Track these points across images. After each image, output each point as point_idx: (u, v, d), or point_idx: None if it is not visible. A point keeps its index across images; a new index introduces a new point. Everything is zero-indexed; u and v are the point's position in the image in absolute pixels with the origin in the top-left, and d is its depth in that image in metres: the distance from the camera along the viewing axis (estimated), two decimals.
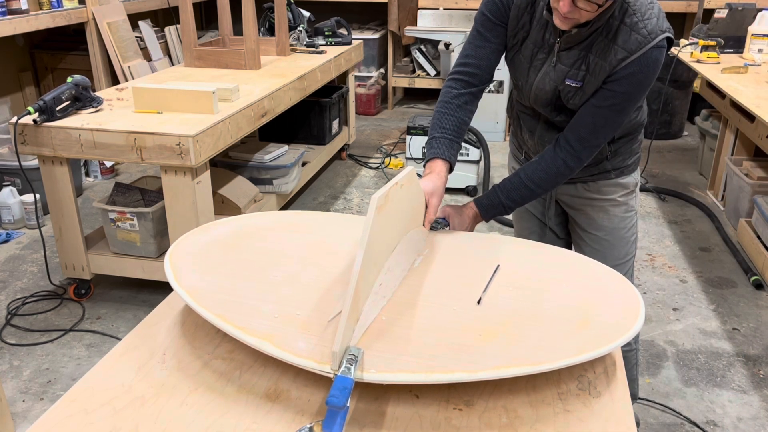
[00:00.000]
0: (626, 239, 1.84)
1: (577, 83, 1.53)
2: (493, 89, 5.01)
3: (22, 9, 3.79)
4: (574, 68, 1.53)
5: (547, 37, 1.55)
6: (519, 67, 1.64)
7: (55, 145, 2.52)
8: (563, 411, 1.01)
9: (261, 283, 1.23)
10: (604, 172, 1.76)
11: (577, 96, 1.55)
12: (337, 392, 0.92)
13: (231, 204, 3.10)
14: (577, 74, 1.53)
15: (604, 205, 1.81)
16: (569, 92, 1.55)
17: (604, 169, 1.75)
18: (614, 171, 1.76)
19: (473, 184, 4.04)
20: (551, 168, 1.57)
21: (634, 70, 1.45)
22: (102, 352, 2.55)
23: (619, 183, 1.78)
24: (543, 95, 1.61)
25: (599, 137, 1.54)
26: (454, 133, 1.74)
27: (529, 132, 1.77)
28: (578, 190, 1.81)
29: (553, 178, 1.58)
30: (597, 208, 1.82)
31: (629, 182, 1.80)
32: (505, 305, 1.17)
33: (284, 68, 3.52)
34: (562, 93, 1.57)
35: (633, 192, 1.83)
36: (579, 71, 1.52)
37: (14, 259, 3.31)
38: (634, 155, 1.79)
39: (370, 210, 1.10)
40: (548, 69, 1.57)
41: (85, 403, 1.03)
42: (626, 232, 1.84)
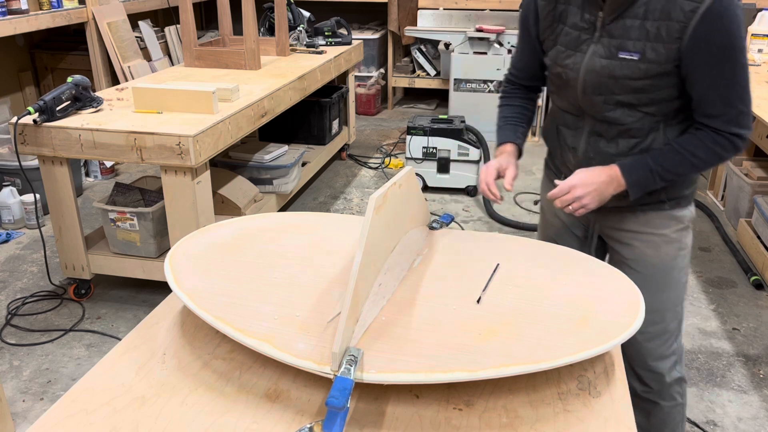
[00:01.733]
0: (676, 281, 1.60)
1: (633, 55, 1.37)
2: (493, 89, 5.01)
3: (22, 9, 3.79)
4: (628, 39, 1.37)
5: (588, 17, 1.42)
6: (562, 58, 1.49)
7: (55, 145, 2.52)
8: (563, 411, 1.01)
9: (260, 284, 1.23)
10: (658, 202, 1.54)
11: (637, 68, 1.37)
12: (336, 393, 0.92)
13: (231, 204, 3.10)
14: (632, 45, 1.36)
15: (655, 240, 1.57)
16: (626, 68, 1.38)
17: (658, 198, 1.53)
18: (669, 201, 1.54)
19: (473, 184, 4.04)
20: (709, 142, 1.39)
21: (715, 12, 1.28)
22: (102, 352, 2.55)
23: (674, 216, 1.55)
24: (594, 79, 1.43)
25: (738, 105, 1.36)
26: (517, 119, 1.72)
27: (572, 149, 1.57)
28: (625, 222, 1.59)
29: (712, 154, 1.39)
30: (646, 243, 1.58)
31: (684, 216, 1.57)
32: (505, 304, 1.17)
33: (284, 68, 3.52)
34: (618, 70, 1.39)
35: (687, 228, 1.59)
36: (635, 41, 1.36)
37: (14, 259, 3.31)
38: (692, 184, 1.57)
39: (369, 210, 1.10)
40: (596, 47, 1.42)
41: (85, 403, 1.03)
42: (677, 272, 1.60)
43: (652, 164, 1.42)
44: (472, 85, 5.04)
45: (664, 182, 1.44)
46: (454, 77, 5.08)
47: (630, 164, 1.43)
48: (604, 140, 1.51)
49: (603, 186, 1.43)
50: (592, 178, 1.43)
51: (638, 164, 1.43)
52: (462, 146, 3.96)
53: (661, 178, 1.42)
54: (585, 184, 1.42)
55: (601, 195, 1.43)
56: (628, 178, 1.43)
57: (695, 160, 1.40)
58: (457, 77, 5.06)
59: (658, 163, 1.42)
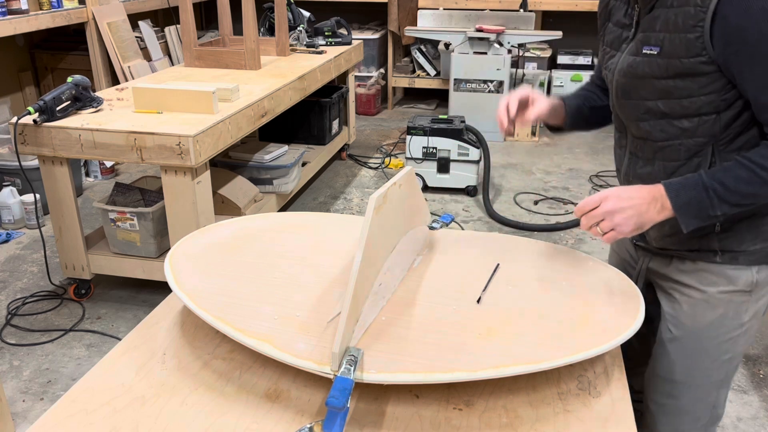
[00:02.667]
0: (712, 356, 1.30)
1: (653, 49, 1.17)
2: (492, 89, 5.01)
3: (22, 9, 3.79)
4: (652, 31, 1.18)
5: (630, 11, 1.26)
6: (606, 59, 1.32)
7: (55, 145, 2.52)
8: (563, 411, 1.01)
9: (260, 284, 1.23)
10: (708, 251, 1.25)
11: (656, 64, 1.17)
12: (336, 393, 0.92)
13: (231, 204, 3.10)
14: (654, 38, 1.17)
15: (694, 297, 1.28)
16: (648, 64, 1.18)
17: (709, 246, 1.24)
18: (722, 254, 1.24)
19: (473, 184, 4.04)
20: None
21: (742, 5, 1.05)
22: (102, 352, 2.55)
23: (726, 274, 1.24)
24: (622, 80, 1.25)
25: None
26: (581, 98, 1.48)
27: (617, 170, 1.38)
28: (671, 268, 1.32)
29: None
30: (685, 297, 1.30)
31: (743, 278, 1.24)
32: (505, 304, 1.17)
33: (284, 68, 3.52)
34: (641, 67, 1.20)
35: (748, 296, 1.25)
36: (657, 33, 1.17)
37: (14, 259, 3.31)
38: (763, 239, 1.22)
39: (369, 210, 1.10)
40: (631, 45, 1.24)
41: (85, 403, 1.03)
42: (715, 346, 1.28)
43: (707, 181, 1.11)
44: (472, 85, 5.04)
45: (728, 206, 1.11)
46: (454, 77, 5.08)
47: (679, 182, 1.14)
48: (641, 161, 1.28)
49: (643, 205, 1.13)
50: (630, 192, 1.15)
51: (689, 182, 1.13)
52: (462, 146, 3.96)
53: (721, 199, 1.10)
54: (620, 198, 1.14)
55: (639, 217, 1.13)
56: (675, 198, 1.13)
57: (765, 174, 1.08)
58: (457, 77, 5.06)
59: (715, 180, 1.11)
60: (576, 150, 4.93)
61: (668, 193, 1.13)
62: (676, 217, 1.13)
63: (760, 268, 1.23)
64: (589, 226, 1.17)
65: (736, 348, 1.29)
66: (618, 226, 1.14)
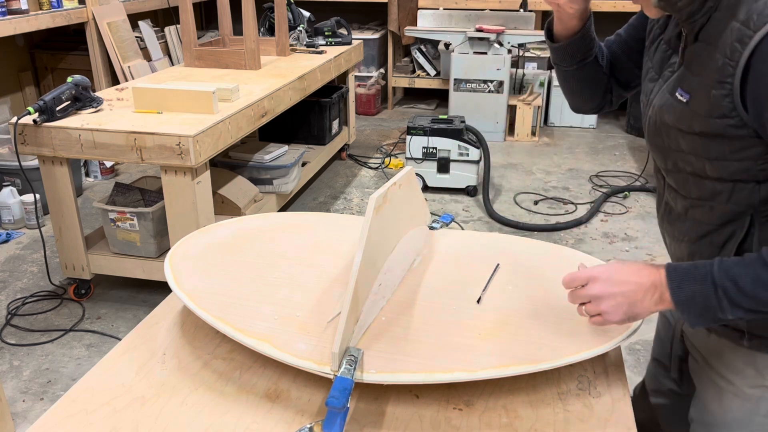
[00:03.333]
0: None
1: (684, 95, 0.97)
2: (492, 89, 5.01)
3: (22, 9, 3.79)
4: (690, 70, 0.98)
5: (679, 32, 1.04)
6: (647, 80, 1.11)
7: (55, 145, 2.52)
8: (563, 411, 1.01)
9: (260, 284, 1.23)
10: (735, 330, 1.06)
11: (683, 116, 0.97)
12: (336, 393, 0.92)
13: (231, 204, 3.10)
14: (688, 81, 0.98)
15: (720, 385, 1.10)
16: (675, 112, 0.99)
17: (737, 325, 1.05)
18: (749, 337, 1.04)
19: (473, 184, 4.04)
20: None
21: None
22: (102, 352, 2.55)
23: (756, 364, 1.05)
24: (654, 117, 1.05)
25: None
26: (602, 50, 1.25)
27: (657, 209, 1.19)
28: (697, 341, 1.17)
29: None
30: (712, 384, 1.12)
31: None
32: (505, 304, 1.17)
33: (284, 68, 3.52)
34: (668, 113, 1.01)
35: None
36: (692, 76, 0.97)
37: (14, 259, 3.31)
38: None
39: (369, 210, 1.10)
40: (672, 79, 1.03)
41: (85, 403, 1.03)
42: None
43: (717, 275, 0.90)
44: (472, 85, 5.04)
45: (741, 311, 0.89)
46: (454, 77, 5.08)
47: (685, 270, 0.93)
48: (674, 213, 1.10)
49: (637, 292, 0.95)
50: (624, 275, 0.96)
51: (697, 272, 0.92)
52: (462, 146, 3.96)
53: (732, 302, 0.89)
54: (611, 281, 0.96)
55: (631, 306, 0.95)
56: (676, 290, 0.92)
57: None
58: (457, 77, 5.06)
59: (728, 276, 0.89)
60: (576, 150, 4.93)
61: (669, 283, 0.93)
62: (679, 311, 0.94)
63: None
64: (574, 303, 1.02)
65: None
66: (605, 313, 0.97)
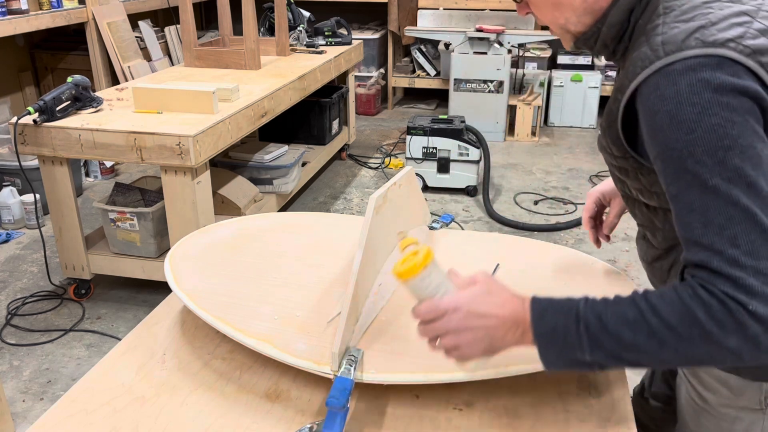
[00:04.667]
0: None
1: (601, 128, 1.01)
2: (492, 89, 5.01)
3: (22, 9, 3.79)
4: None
5: None
6: None
7: (55, 145, 2.52)
8: (563, 411, 1.01)
9: (260, 284, 1.23)
10: None
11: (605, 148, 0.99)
12: (336, 393, 0.92)
13: (231, 204, 3.10)
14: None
15: (697, 402, 1.08)
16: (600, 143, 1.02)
17: None
18: None
19: (473, 184, 4.04)
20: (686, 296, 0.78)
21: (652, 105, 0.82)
22: (102, 352, 2.55)
23: (729, 384, 1.01)
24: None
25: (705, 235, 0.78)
26: None
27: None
28: None
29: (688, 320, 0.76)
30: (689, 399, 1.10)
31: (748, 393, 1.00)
32: None
33: (284, 68, 3.52)
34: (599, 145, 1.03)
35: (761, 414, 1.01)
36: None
37: (14, 259, 3.31)
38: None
39: (369, 210, 1.10)
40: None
41: (85, 403, 1.03)
42: None
43: (582, 309, 0.82)
44: (472, 85, 5.04)
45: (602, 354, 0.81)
46: (454, 77, 5.08)
47: (551, 300, 0.85)
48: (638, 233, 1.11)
49: (498, 328, 0.85)
50: (488, 306, 0.86)
51: (563, 304, 0.84)
52: (462, 146, 3.96)
53: (593, 341, 0.80)
54: (473, 314, 0.86)
55: (491, 341, 0.86)
56: (537, 321, 0.84)
57: (656, 322, 0.77)
58: (457, 77, 5.06)
59: (593, 311, 0.81)
60: (576, 150, 4.93)
61: (532, 313, 0.84)
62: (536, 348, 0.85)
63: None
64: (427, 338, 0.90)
65: None
66: (463, 347, 0.87)
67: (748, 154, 0.76)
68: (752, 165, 0.76)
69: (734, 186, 0.76)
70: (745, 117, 0.76)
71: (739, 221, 0.75)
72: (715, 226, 0.76)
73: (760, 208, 0.75)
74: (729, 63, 0.78)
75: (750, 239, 0.74)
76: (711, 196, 0.77)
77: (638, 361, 0.80)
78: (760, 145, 0.77)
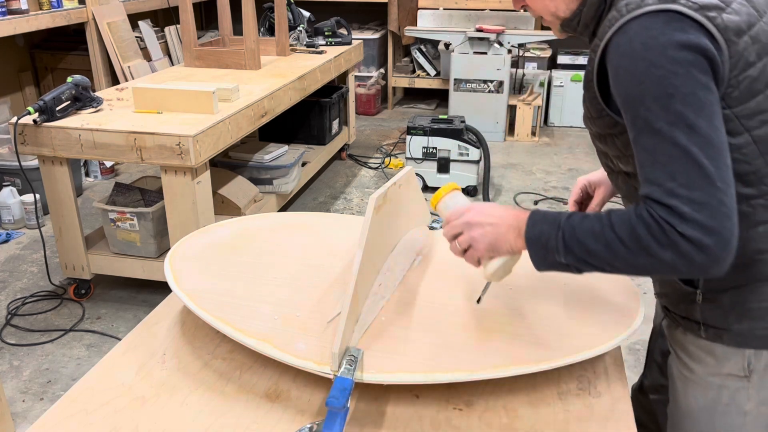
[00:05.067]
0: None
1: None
2: (492, 89, 5.01)
3: (22, 9, 3.79)
4: None
5: None
6: None
7: (55, 145, 2.52)
8: (563, 411, 1.01)
9: (260, 284, 1.23)
10: (692, 321, 1.09)
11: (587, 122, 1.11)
12: (336, 393, 0.92)
13: (231, 204, 3.10)
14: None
15: (684, 374, 1.14)
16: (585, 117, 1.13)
17: (692, 315, 1.09)
18: (705, 328, 1.07)
19: (473, 184, 4.04)
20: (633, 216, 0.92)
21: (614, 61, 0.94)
22: (102, 352, 2.55)
23: (714, 353, 1.08)
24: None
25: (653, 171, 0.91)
26: None
27: None
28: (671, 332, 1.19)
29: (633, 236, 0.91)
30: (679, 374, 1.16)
31: (732, 360, 1.06)
32: (505, 304, 1.17)
33: (284, 68, 3.52)
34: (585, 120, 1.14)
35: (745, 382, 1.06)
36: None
37: (14, 259, 3.31)
38: (750, 318, 1.03)
39: (368, 210, 1.10)
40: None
41: (85, 403, 1.03)
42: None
43: (563, 222, 0.97)
44: (472, 85, 5.04)
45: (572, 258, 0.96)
46: (454, 77, 5.08)
47: (545, 213, 1.01)
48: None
49: (503, 225, 1.04)
50: (495, 210, 1.06)
51: (551, 215, 1.00)
52: (462, 146, 3.96)
53: (566, 246, 0.96)
54: (483, 213, 1.06)
55: (496, 237, 1.04)
56: (530, 227, 1.00)
57: (612, 235, 0.92)
58: (457, 77, 5.06)
59: (571, 222, 0.97)
60: (576, 150, 4.93)
61: (528, 220, 1.01)
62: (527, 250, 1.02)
63: (758, 352, 1.04)
64: (449, 238, 1.09)
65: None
66: (474, 240, 1.05)
67: (689, 101, 0.88)
68: (693, 110, 0.88)
69: (676, 129, 0.88)
70: (687, 69, 0.88)
71: (677, 159, 0.88)
72: (659, 163, 0.90)
73: (698, 147, 0.87)
74: (678, 17, 0.89)
75: (686, 174, 0.87)
76: (657, 138, 0.90)
77: (600, 266, 0.96)
78: (703, 92, 0.88)
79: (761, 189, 0.97)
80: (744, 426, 1.09)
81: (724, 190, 0.87)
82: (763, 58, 0.93)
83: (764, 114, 0.94)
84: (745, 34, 0.91)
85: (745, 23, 0.92)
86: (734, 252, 0.88)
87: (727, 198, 0.87)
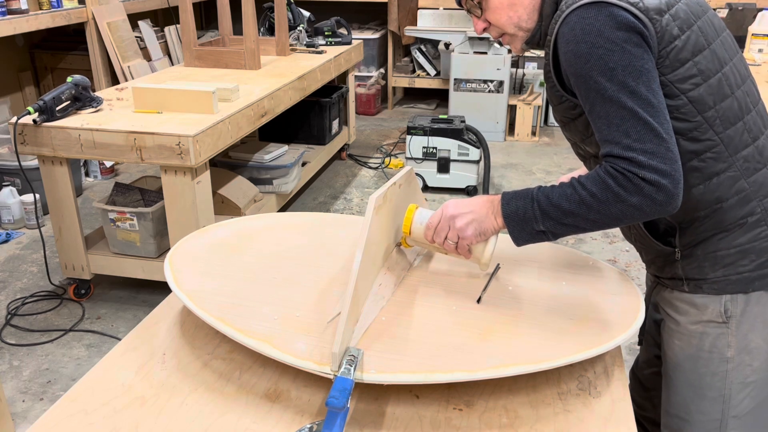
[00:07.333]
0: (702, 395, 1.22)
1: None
2: (492, 89, 5.01)
3: (22, 9, 3.79)
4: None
5: None
6: None
7: (55, 145, 2.52)
8: (563, 411, 1.01)
9: (260, 284, 1.23)
10: (676, 278, 1.23)
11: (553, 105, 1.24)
12: (336, 393, 0.91)
13: (231, 204, 3.10)
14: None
15: (671, 328, 1.26)
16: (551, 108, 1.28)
17: (676, 274, 1.22)
18: (687, 282, 1.21)
19: (473, 184, 4.04)
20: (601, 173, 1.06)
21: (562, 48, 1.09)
22: (102, 352, 2.55)
23: (695, 303, 1.21)
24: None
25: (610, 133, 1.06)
26: None
27: None
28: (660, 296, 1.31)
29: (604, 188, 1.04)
30: (668, 329, 1.28)
31: (711, 307, 1.19)
32: (505, 304, 1.17)
33: (284, 68, 3.52)
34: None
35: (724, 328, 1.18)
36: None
37: (14, 259, 3.31)
38: (722, 266, 1.17)
39: (368, 210, 1.10)
40: None
41: (85, 403, 1.03)
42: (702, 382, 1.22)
43: (535, 193, 1.11)
44: (472, 85, 5.04)
45: (551, 222, 1.09)
46: (454, 77, 5.08)
47: (515, 191, 1.14)
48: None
49: (481, 210, 1.17)
50: (466, 201, 1.20)
51: (522, 192, 1.13)
52: (462, 146, 3.96)
53: (544, 212, 1.09)
54: (458, 204, 1.19)
55: (480, 223, 1.17)
56: (505, 206, 1.14)
57: (584, 193, 1.06)
58: (457, 77, 5.06)
59: (543, 193, 1.10)
60: None
61: (502, 201, 1.15)
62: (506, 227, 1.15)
63: (733, 297, 1.17)
64: (440, 241, 1.20)
65: (728, 385, 1.20)
66: (461, 230, 1.17)
67: (628, 71, 1.03)
68: (633, 78, 1.03)
69: (622, 94, 1.04)
70: (622, 45, 1.03)
71: (628, 119, 1.04)
72: (613, 125, 1.05)
73: (641, 107, 1.03)
74: (607, 5, 1.04)
75: (637, 130, 1.03)
76: (608, 104, 1.05)
77: (576, 224, 1.09)
78: (639, 62, 1.04)
79: (706, 144, 1.11)
80: (727, 374, 1.20)
81: (668, 140, 1.03)
82: (685, 32, 1.08)
83: (695, 78, 1.08)
84: (666, 13, 1.07)
85: (664, 4, 1.07)
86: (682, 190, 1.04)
87: (672, 146, 1.04)
